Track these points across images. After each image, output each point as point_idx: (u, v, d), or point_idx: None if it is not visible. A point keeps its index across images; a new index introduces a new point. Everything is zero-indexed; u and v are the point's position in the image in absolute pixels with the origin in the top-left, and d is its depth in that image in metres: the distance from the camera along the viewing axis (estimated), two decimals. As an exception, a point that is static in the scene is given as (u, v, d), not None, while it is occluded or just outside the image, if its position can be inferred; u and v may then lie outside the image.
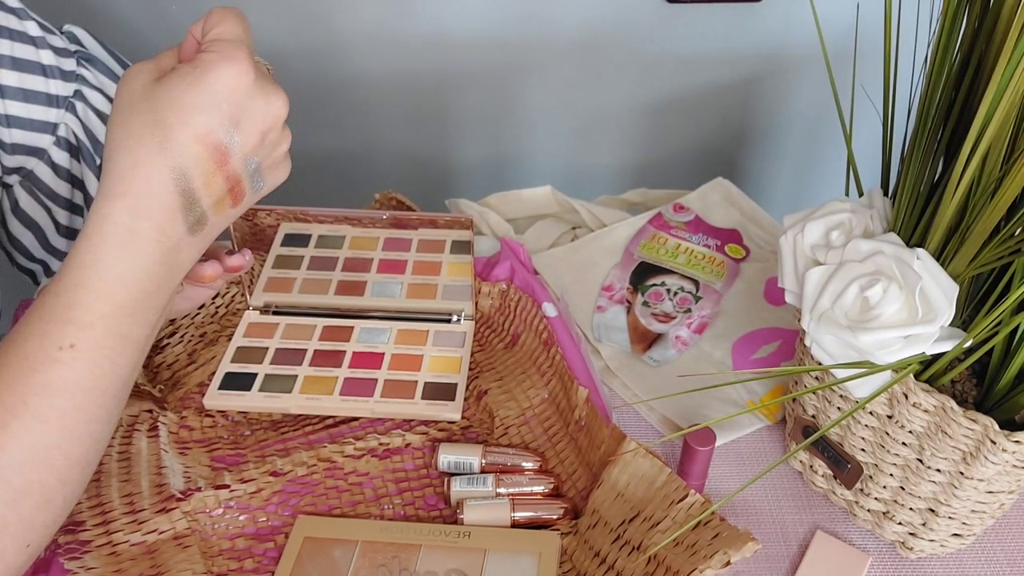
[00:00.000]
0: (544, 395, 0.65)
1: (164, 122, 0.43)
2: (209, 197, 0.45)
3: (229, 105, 0.44)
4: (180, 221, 0.45)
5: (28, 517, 0.43)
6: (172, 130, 0.43)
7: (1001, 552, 0.58)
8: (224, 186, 0.46)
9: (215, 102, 0.43)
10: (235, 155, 0.45)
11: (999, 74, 0.42)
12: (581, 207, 0.83)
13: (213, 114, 0.43)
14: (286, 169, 0.50)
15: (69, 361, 0.43)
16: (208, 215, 0.46)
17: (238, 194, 0.47)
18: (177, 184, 0.44)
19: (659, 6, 1.06)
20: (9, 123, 0.61)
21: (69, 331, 0.43)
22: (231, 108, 0.44)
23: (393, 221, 0.75)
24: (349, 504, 0.60)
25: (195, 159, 0.44)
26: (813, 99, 1.18)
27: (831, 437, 0.57)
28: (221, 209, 0.47)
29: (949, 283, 0.47)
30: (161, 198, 0.44)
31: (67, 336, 0.43)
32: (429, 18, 1.06)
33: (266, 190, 0.49)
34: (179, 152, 0.43)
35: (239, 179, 0.46)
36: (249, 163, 0.46)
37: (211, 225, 0.47)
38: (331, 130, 1.18)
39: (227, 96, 0.43)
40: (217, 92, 0.43)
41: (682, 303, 0.73)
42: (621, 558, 0.54)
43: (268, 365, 0.67)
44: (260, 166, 0.47)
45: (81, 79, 0.64)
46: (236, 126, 0.44)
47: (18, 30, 0.60)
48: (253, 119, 0.45)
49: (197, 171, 0.44)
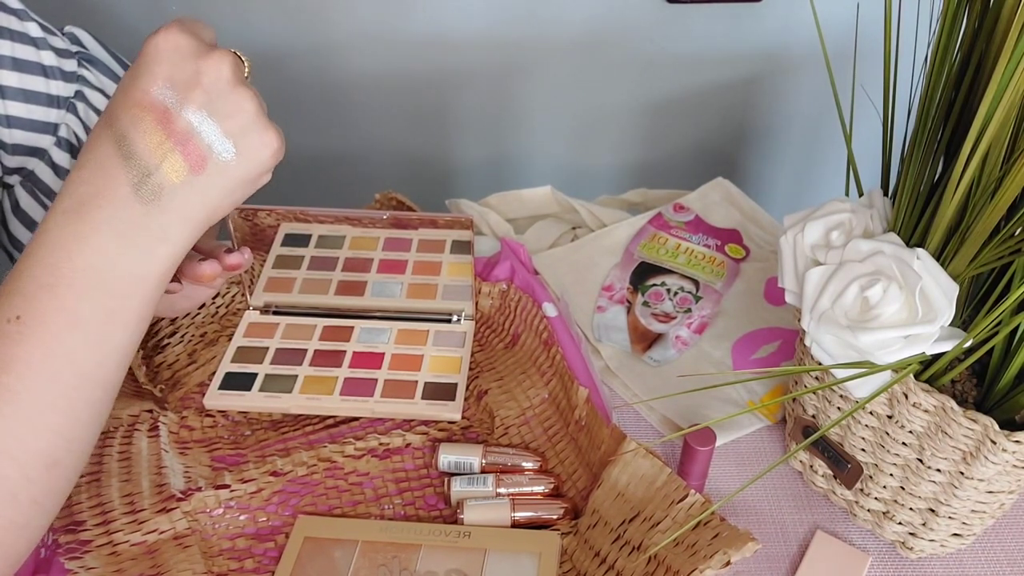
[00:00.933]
0: (544, 395, 0.65)
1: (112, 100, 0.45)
2: (154, 156, 0.44)
3: (161, 66, 0.44)
4: (123, 183, 0.44)
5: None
6: (113, 103, 0.44)
7: (1001, 552, 0.58)
8: (170, 144, 0.44)
9: (147, 67, 0.44)
10: (175, 112, 0.44)
11: (999, 74, 0.42)
12: (581, 207, 0.83)
13: (145, 77, 0.44)
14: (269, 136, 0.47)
15: (16, 336, 0.42)
16: (158, 177, 0.44)
17: (195, 155, 0.45)
18: (117, 146, 0.44)
19: (659, 6, 1.06)
20: (10, 124, 0.61)
21: (15, 302, 0.42)
22: (164, 68, 0.44)
23: (393, 221, 0.75)
24: (349, 504, 0.60)
25: (132, 120, 0.44)
26: (813, 99, 1.18)
27: (831, 437, 0.57)
28: (176, 171, 0.45)
29: (949, 283, 0.47)
30: (102, 162, 0.44)
31: (13, 307, 0.42)
32: (429, 18, 1.06)
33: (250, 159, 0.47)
34: (117, 117, 0.44)
35: (189, 137, 0.45)
36: (199, 121, 0.45)
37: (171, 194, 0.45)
38: (331, 130, 1.18)
39: (157, 58, 0.44)
40: (149, 58, 0.44)
41: (682, 303, 0.73)
42: (621, 558, 0.54)
43: (268, 365, 0.67)
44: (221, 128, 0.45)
45: (82, 80, 0.64)
46: (171, 84, 0.44)
47: (19, 31, 0.60)
48: (187, 75, 0.44)
49: (136, 131, 0.44)
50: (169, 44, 0.44)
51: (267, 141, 0.47)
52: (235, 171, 0.46)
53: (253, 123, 0.46)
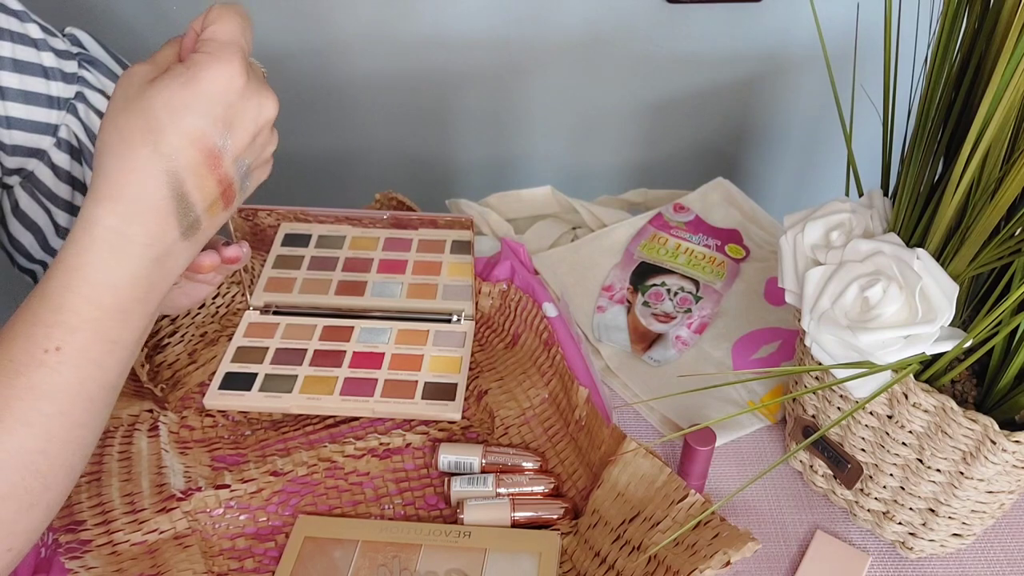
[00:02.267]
0: (544, 395, 0.65)
1: (157, 124, 0.42)
2: (203, 201, 0.45)
3: (221, 107, 0.43)
4: (174, 226, 0.44)
5: (10, 521, 0.42)
6: (164, 133, 0.42)
7: (1001, 552, 0.58)
8: (216, 189, 0.45)
9: (207, 104, 0.43)
10: (227, 157, 0.45)
11: (999, 74, 0.42)
12: (581, 207, 0.83)
13: (206, 117, 0.43)
14: (268, 168, 0.50)
15: (55, 365, 0.42)
16: (202, 219, 0.46)
17: (229, 196, 0.47)
18: (170, 188, 0.43)
19: (659, 6, 1.06)
20: (10, 124, 0.61)
21: (55, 334, 0.43)
22: (223, 110, 0.43)
23: (393, 221, 0.75)
24: (349, 504, 0.60)
25: (188, 162, 0.43)
26: (813, 99, 1.18)
27: (831, 437, 0.57)
28: (214, 212, 0.46)
29: (949, 283, 0.47)
30: (153, 203, 0.43)
31: (52, 339, 0.42)
32: (429, 18, 1.06)
33: (251, 189, 0.49)
34: (172, 155, 0.42)
35: (231, 181, 0.46)
36: (240, 165, 0.46)
37: (204, 228, 0.46)
38: (331, 130, 1.18)
39: (219, 98, 0.43)
40: (210, 94, 0.43)
41: (682, 303, 0.74)
42: (621, 558, 0.54)
43: (268, 365, 0.67)
44: (249, 168, 0.47)
45: (82, 81, 0.64)
46: (228, 128, 0.44)
47: (19, 32, 0.60)
48: (244, 121, 0.44)
49: (190, 174, 0.43)
50: (233, 83, 0.43)
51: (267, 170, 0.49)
52: (243, 198, 0.48)
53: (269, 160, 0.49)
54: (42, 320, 0.43)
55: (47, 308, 0.43)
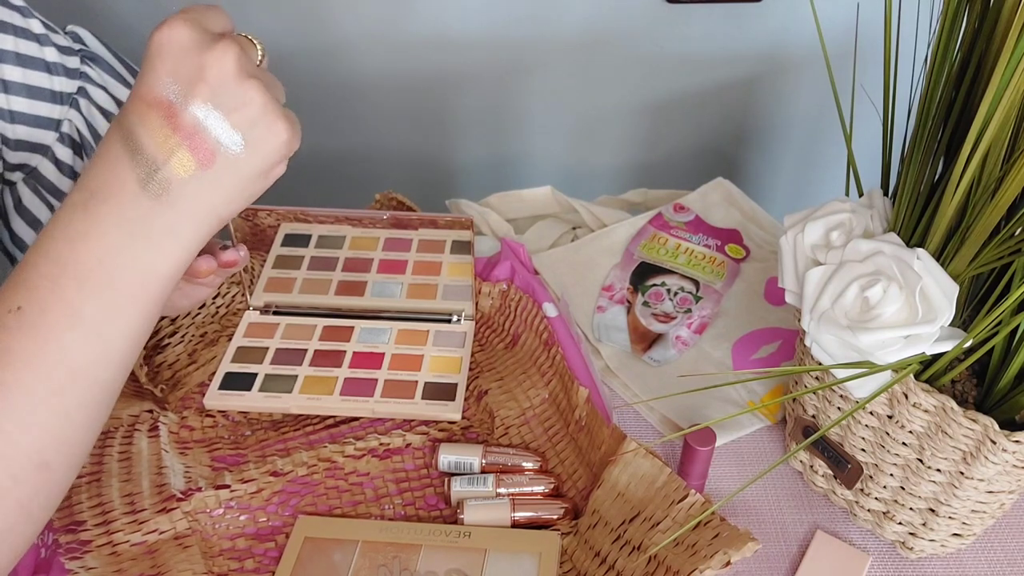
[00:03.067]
0: (544, 395, 0.65)
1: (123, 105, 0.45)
2: (160, 150, 0.44)
3: (164, 61, 0.44)
4: (131, 178, 0.44)
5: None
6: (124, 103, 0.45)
7: (1001, 552, 0.58)
8: (176, 139, 0.44)
9: (150, 63, 0.44)
10: (180, 107, 0.44)
11: (999, 74, 0.42)
12: (581, 207, 0.83)
13: (150, 73, 0.44)
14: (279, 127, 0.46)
15: (13, 328, 0.42)
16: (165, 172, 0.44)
17: (203, 150, 0.44)
18: (124, 142, 0.44)
19: (659, 6, 1.06)
20: (13, 119, 0.61)
21: (19, 293, 0.42)
22: (167, 63, 0.44)
23: (393, 221, 0.75)
24: (349, 504, 0.60)
25: (138, 116, 0.44)
26: (813, 99, 1.18)
27: (831, 437, 0.57)
28: (184, 167, 0.44)
29: (949, 283, 0.47)
30: (110, 158, 0.44)
31: (16, 297, 0.42)
32: (429, 18, 1.06)
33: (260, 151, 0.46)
34: (126, 114, 0.44)
35: (195, 131, 0.44)
36: (205, 115, 0.44)
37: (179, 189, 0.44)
38: (331, 130, 1.18)
39: (159, 53, 0.44)
40: (152, 54, 0.44)
41: (682, 303, 0.73)
42: (621, 558, 0.54)
43: (268, 365, 0.67)
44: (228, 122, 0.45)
45: (85, 76, 0.65)
46: (175, 79, 0.44)
47: (22, 27, 0.61)
48: (191, 69, 0.44)
49: (141, 126, 0.44)
50: (171, 38, 0.44)
51: (277, 131, 0.46)
52: (246, 164, 0.46)
53: (262, 114, 0.45)
54: (11, 280, 0.43)
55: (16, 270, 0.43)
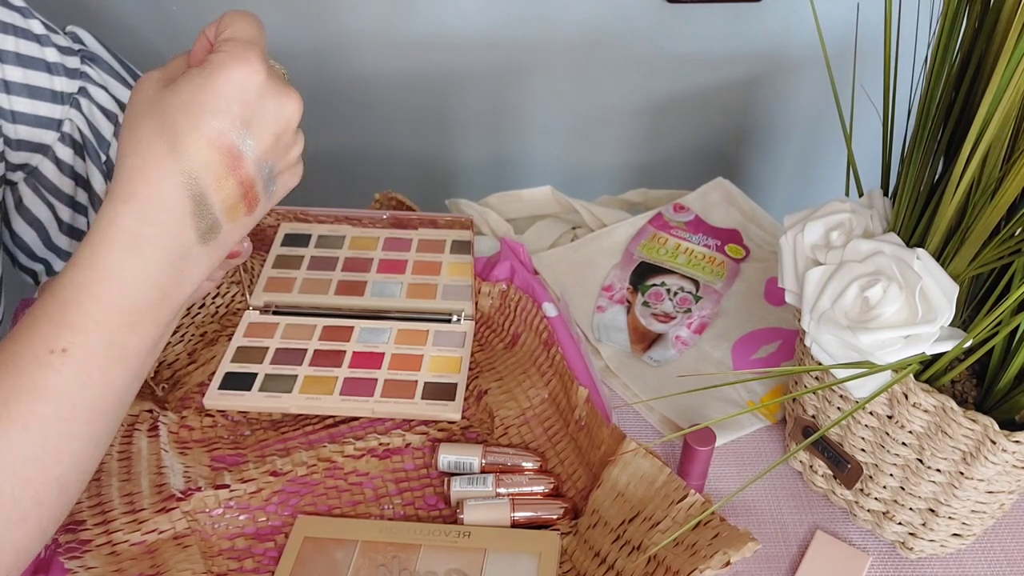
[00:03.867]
0: (544, 395, 0.65)
1: (174, 126, 0.41)
2: (221, 203, 0.43)
3: (240, 106, 0.42)
4: (190, 227, 0.43)
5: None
6: (182, 133, 0.41)
7: (1001, 552, 0.58)
8: (237, 191, 0.44)
9: (225, 104, 0.42)
10: (248, 158, 0.43)
11: (999, 74, 0.42)
12: (581, 207, 0.83)
13: (224, 116, 0.42)
14: (298, 173, 0.48)
15: (58, 366, 0.41)
16: (221, 222, 0.44)
17: (252, 200, 0.45)
18: (187, 188, 0.42)
19: (659, 6, 1.06)
20: (15, 119, 0.61)
21: (62, 334, 0.41)
22: (242, 110, 0.42)
23: (393, 221, 0.75)
24: (349, 504, 0.60)
25: (206, 163, 0.42)
26: (813, 99, 1.18)
27: (831, 437, 0.57)
28: (235, 216, 0.45)
29: (949, 283, 0.47)
30: (169, 203, 0.42)
31: (60, 339, 0.41)
32: (430, 18, 1.06)
33: (279, 195, 0.47)
34: (189, 156, 0.42)
35: (253, 184, 0.44)
36: (263, 167, 0.44)
37: (224, 234, 0.45)
38: (331, 130, 1.18)
39: (238, 97, 0.42)
40: (227, 93, 0.42)
41: (682, 303, 0.73)
42: (621, 558, 0.54)
43: (268, 365, 0.67)
44: (273, 170, 0.45)
45: (86, 76, 0.65)
46: (248, 128, 0.43)
47: (23, 28, 0.61)
48: (265, 121, 0.43)
49: (208, 175, 0.42)
50: (250, 82, 0.42)
51: (297, 174, 0.47)
52: (270, 203, 0.47)
53: (296, 162, 0.47)
54: (51, 318, 0.41)
55: (56, 306, 0.42)
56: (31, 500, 0.41)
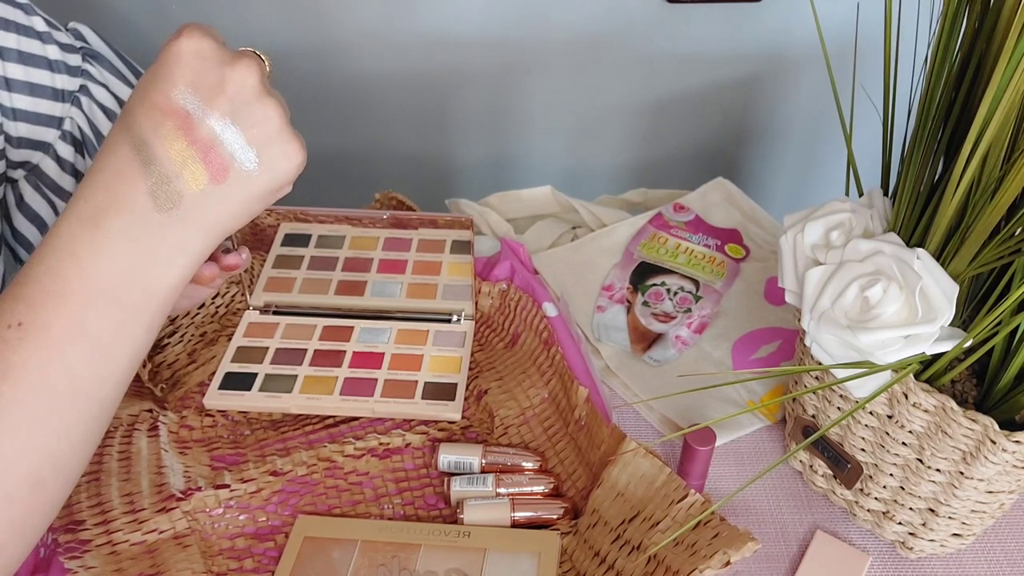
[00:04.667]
0: (544, 395, 0.65)
1: (127, 105, 0.43)
2: (174, 162, 0.42)
3: (184, 70, 0.42)
4: (142, 190, 0.42)
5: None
6: (130, 106, 0.43)
7: (1001, 552, 0.58)
8: (191, 151, 0.43)
9: (168, 71, 0.42)
10: (197, 118, 0.43)
11: (999, 74, 0.42)
12: (581, 207, 0.83)
13: (168, 82, 0.42)
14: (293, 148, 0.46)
15: (15, 343, 0.40)
16: (178, 184, 0.43)
17: (217, 164, 0.43)
18: (136, 151, 0.42)
19: (659, 6, 1.06)
20: (15, 116, 0.61)
21: (18, 308, 0.41)
22: (187, 73, 0.42)
23: (393, 221, 0.75)
24: (349, 504, 0.60)
25: (153, 124, 0.42)
26: (813, 99, 1.18)
27: (831, 437, 0.57)
28: (196, 180, 0.43)
29: (949, 283, 0.47)
30: (119, 168, 0.42)
31: (16, 313, 0.41)
32: (429, 18, 1.06)
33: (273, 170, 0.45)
34: (138, 122, 0.42)
35: (211, 145, 0.43)
36: (223, 128, 0.43)
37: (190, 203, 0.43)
38: (331, 130, 1.18)
39: (180, 63, 0.42)
40: (169, 61, 0.42)
41: (682, 303, 0.73)
42: (621, 558, 0.54)
43: (268, 365, 0.67)
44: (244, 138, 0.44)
45: (87, 74, 0.65)
46: (194, 90, 0.43)
47: (24, 24, 0.61)
48: (211, 81, 0.43)
49: (156, 136, 0.42)
50: (193, 48, 0.42)
51: (291, 153, 0.45)
52: (257, 182, 0.45)
53: (278, 133, 0.45)
54: (10, 294, 0.41)
55: (17, 283, 0.42)
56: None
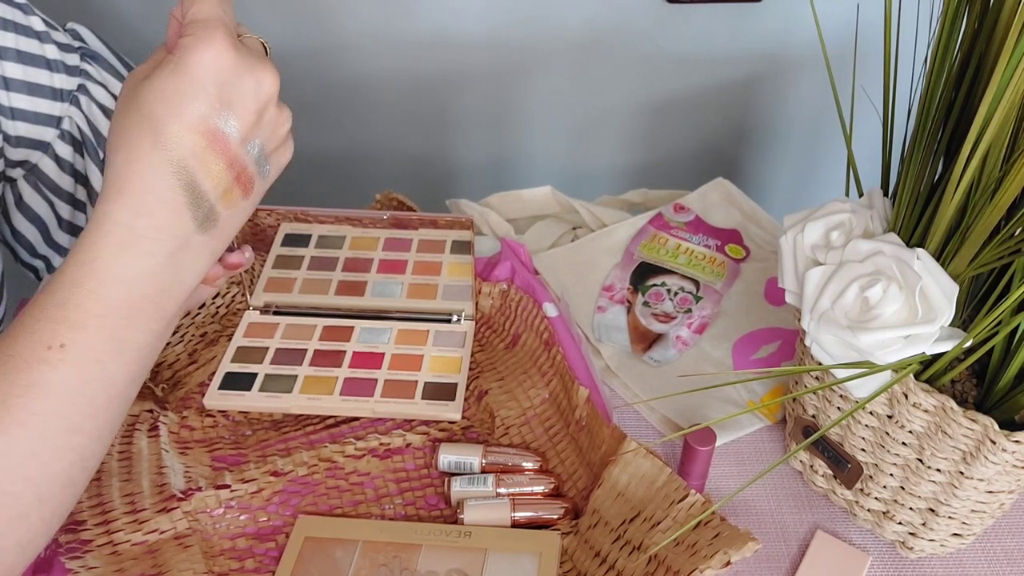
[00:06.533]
0: (545, 395, 0.65)
1: (153, 116, 0.41)
2: (215, 188, 0.43)
3: (216, 87, 0.42)
4: (188, 218, 0.43)
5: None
6: (162, 123, 0.41)
7: (1001, 552, 0.58)
8: (228, 174, 0.43)
9: (200, 87, 0.41)
10: (233, 139, 0.43)
11: (999, 74, 0.42)
12: (581, 207, 0.83)
13: (201, 100, 0.41)
14: (289, 149, 0.47)
15: (56, 362, 0.41)
16: (217, 208, 0.44)
17: (246, 182, 0.45)
18: (178, 178, 0.42)
19: (659, 6, 1.06)
20: (14, 116, 0.61)
21: (60, 330, 0.41)
22: (219, 90, 0.42)
23: (393, 221, 0.75)
24: (350, 504, 0.60)
25: (192, 149, 0.42)
26: (813, 99, 1.18)
27: (831, 437, 0.57)
28: (230, 200, 0.44)
29: (949, 283, 0.47)
30: (161, 194, 0.42)
31: (57, 335, 0.41)
32: (430, 18, 1.06)
33: (273, 174, 0.47)
34: (174, 144, 0.42)
35: (244, 165, 0.44)
36: (251, 146, 0.44)
37: (223, 221, 0.45)
38: (332, 130, 1.18)
39: (212, 79, 0.41)
40: (200, 76, 0.41)
41: (682, 303, 0.74)
42: (621, 558, 0.54)
43: (268, 365, 0.67)
44: (264, 149, 0.45)
45: (85, 74, 0.65)
46: (229, 108, 0.42)
47: (23, 24, 0.61)
48: (245, 98, 0.43)
49: (195, 161, 0.42)
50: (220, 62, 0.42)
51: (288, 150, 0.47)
52: (265, 184, 0.46)
53: (285, 139, 0.46)
54: (48, 316, 0.41)
55: (54, 303, 0.42)
56: (32, 496, 0.41)
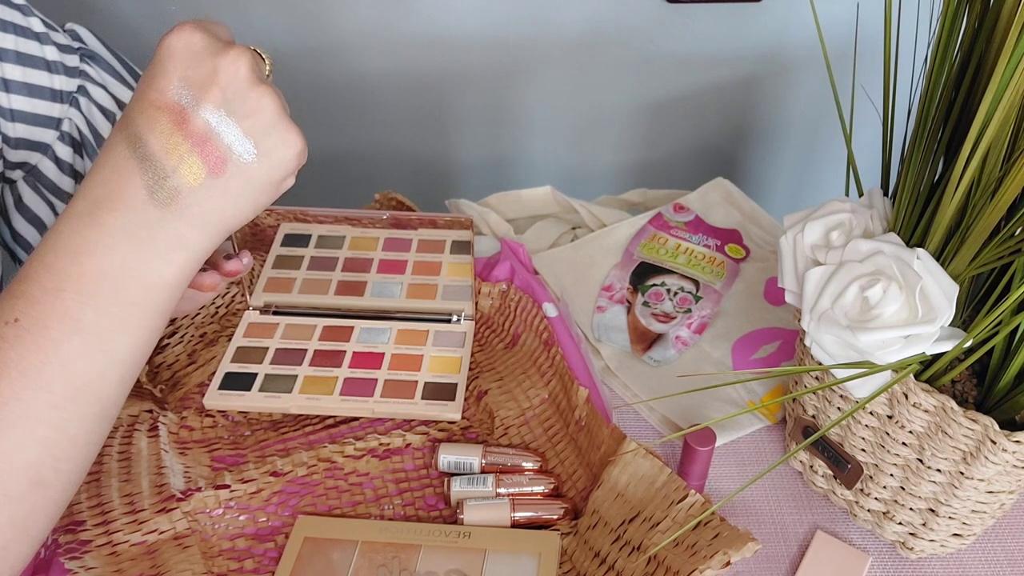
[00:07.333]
0: (544, 395, 0.65)
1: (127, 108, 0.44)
2: (170, 157, 0.43)
3: (175, 65, 0.43)
4: (139, 185, 0.42)
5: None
6: (129, 105, 0.43)
7: (1001, 552, 0.58)
8: (187, 145, 0.43)
9: (161, 67, 0.43)
10: (192, 112, 0.43)
11: (999, 74, 0.42)
12: (581, 207, 0.83)
13: (160, 78, 0.43)
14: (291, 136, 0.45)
15: (12, 338, 0.40)
16: (175, 179, 0.43)
17: (214, 157, 0.43)
18: (131, 148, 0.42)
19: (659, 6, 1.06)
20: (13, 117, 0.61)
21: (16, 305, 0.41)
22: (178, 67, 0.43)
23: (393, 221, 0.75)
24: (349, 504, 0.60)
25: (147, 121, 0.43)
26: (813, 99, 1.18)
27: (831, 437, 0.57)
28: (194, 174, 0.43)
29: (949, 283, 0.47)
30: (116, 164, 0.43)
31: (14, 310, 0.41)
32: (429, 18, 1.06)
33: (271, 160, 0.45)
34: (132, 119, 0.43)
35: (207, 137, 0.43)
36: (218, 120, 0.43)
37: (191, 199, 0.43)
38: (331, 130, 1.18)
39: (171, 57, 0.43)
40: (163, 58, 0.43)
41: (682, 303, 0.73)
42: (621, 558, 0.54)
43: (268, 365, 0.67)
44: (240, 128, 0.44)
45: (84, 75, 0.65)
46: (186, 83, 0.43)
47: (22, 25, 0.61)
48: (203, 74, 0.43)
49: (151, 132, 0.43)
50: (183, 43, 0.43)
51: (289, 141, 0.45)
52: (257, 173, 0.45)
53: (274, 123, 0.45)
54: (10, 291, 0.42)
55: (17, 279, 0.42)
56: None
